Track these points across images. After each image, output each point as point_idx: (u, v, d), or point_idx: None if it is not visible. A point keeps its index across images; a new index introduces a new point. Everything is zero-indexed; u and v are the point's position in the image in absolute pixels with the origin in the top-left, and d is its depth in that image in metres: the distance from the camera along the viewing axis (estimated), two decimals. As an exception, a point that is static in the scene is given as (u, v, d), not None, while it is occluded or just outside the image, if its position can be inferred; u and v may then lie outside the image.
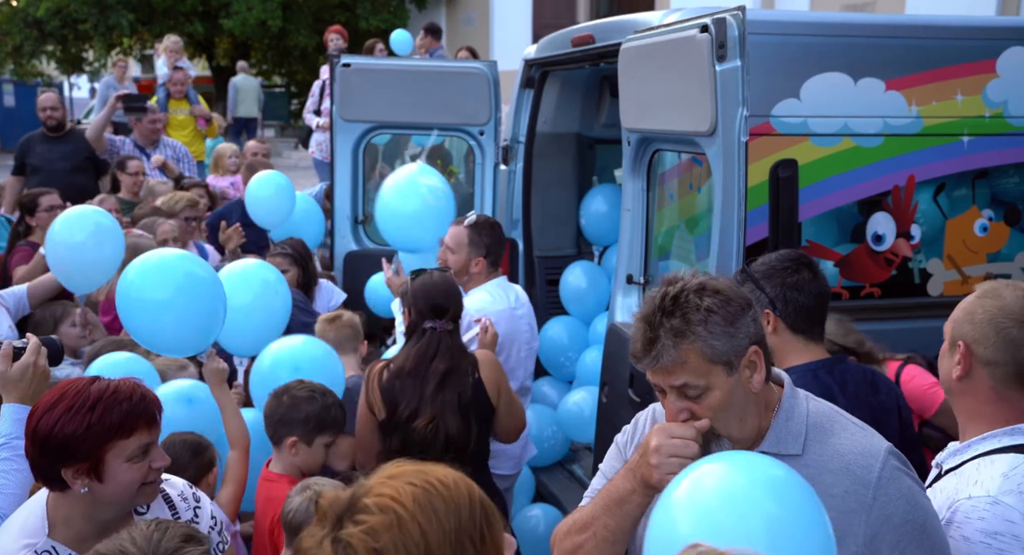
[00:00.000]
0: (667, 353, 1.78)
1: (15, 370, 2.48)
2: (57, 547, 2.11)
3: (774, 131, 3.15)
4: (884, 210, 3.41)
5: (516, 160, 5.46)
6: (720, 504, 1.49)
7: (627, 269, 3.85)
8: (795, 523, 1.49)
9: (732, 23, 2.95)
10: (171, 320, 3.12)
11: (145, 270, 3.14)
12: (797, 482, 1.55)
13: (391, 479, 1.36)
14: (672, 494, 1.56)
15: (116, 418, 2.07)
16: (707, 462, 1.60)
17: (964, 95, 3.39)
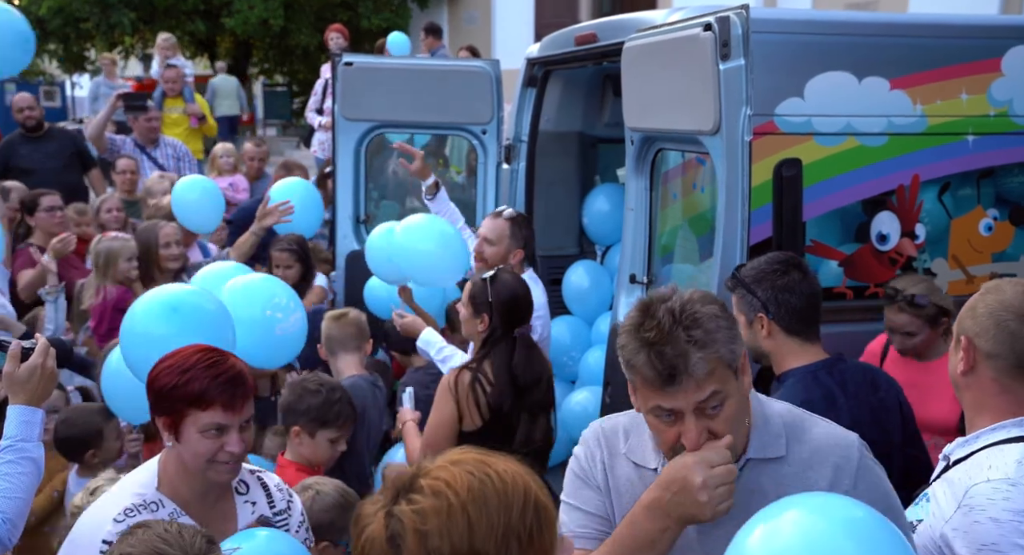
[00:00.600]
0: (700, 366, 1.71)
1: (23, 371, 2.44)
2: (163, 500, 2.22)
3: (778, 130, 3.14)
4: (888, 209, 3.40)
5: (518, 159, 5.44)
6: (802, 550, 1.38)
7: (630, 269, 3.83)
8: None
9: (736, 22, 2.94)
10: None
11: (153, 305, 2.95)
12: (879, 522, 1.46)
13: (452, 465, 1.36)
14: (746, 540, 1.44)
15: (196, 388, 2.14)
16: (781, 505, 1.49)
17: (969, 94, 3.38)
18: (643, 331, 1.74)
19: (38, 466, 2.42)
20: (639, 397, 1.80)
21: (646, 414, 1.79)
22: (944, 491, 2.03)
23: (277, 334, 3.39)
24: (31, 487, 2.40)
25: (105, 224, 6.08)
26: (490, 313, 3.31)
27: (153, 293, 3.03)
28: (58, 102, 20.89)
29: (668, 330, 1.72)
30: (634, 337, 1.75)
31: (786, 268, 2.74)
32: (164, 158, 7.58)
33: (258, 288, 3.44)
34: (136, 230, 5.27)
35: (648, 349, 1.72)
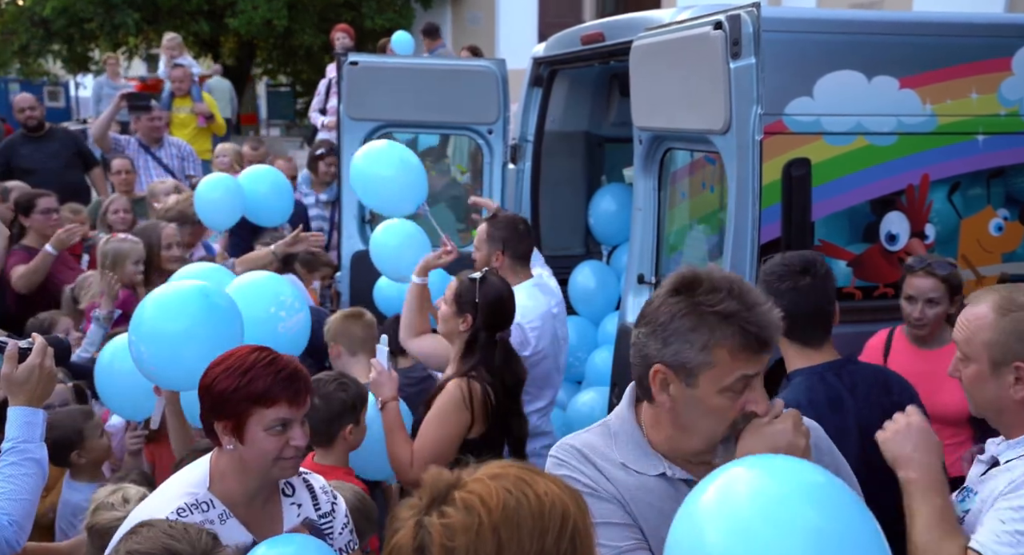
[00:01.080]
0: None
1: (21, 372, 2.39)
2: (214, 500, 2.23)
3: (787, 130, 3.13)
4: (898, 209, 3.39)
5: (524, 159, 5.43)
6: (756, 514, 1.29)
7: (639, 269, 3.82)
8: (843, 537, 1.29)
9: (747, 20, 2.92)
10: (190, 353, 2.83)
11: (160, 303, 2.92)
12: (841, 489, 1.38)
13: (491, 479, 1.31)
14: (699, 501, 1.35)
15: (260, 387, 2.16)
16: (736, 466, 1.41)
17: (979, 93, 3.36)
18: (715, 305, 1.69)
19: (42, 467, 2.38)
20: (710, 377, 1.71)
21: (714, 396, 1.72)
22: (999, 480, 1.99)
23: (280, 332, 3.39)
24: (36, 489, 2.36)
25: (112, 225, 6.06)
26: (474, 314, 3.29)
27: (165, 289, 3.02)
28: (62, 102, 20.93)
29: (747, 295, 1.72)
30: (705, 315, 1.70)
31: (801, 272, 2.67)
32: (168, 158, 7.57)
33: (264, 286, 3.44)
34: (136, 230, 5.24)
35: (735, 319, 1.68)
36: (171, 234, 4.89)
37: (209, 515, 2.20)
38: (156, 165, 7.47)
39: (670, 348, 1.72)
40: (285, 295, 3.43)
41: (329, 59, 13.38)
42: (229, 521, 2.22)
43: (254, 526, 2.25)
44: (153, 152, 7.51)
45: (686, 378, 1.72)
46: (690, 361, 1.71)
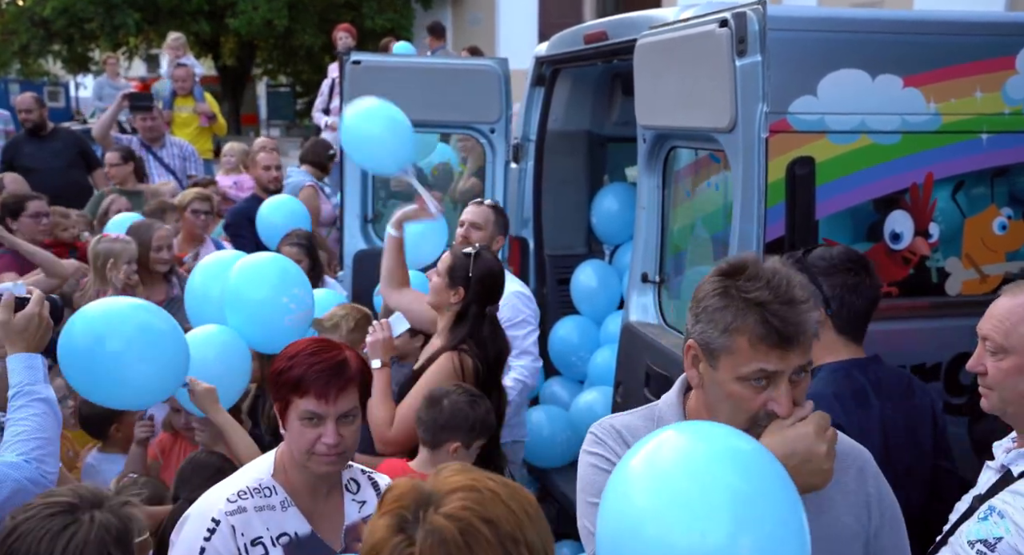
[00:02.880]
0: (813, 327, 1.70)
1: (20, 319, 2.50)
2: (276, 487, 2.28)
3: (791, 128, 3.12)
4: (902, 208, 3.38)
5: (527, 158, 5.43)
6: (681, 475, 1.39)
7: (642, 267, 3.82)
8: (764, 499, 1.38)
9: (752, 18, 2.92)
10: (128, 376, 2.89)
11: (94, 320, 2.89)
12: (765, 456, 1.46)
13: (464, 497, 1.34)
14: (628, 463, 1.45)
15: (296, 374, 2.19)
16: (666, 430, 1.50)
17: (983, 92, 3.35)
18: (747, 291, 1.70)
19: (51, 405, 2.48)
20: (728, 363, 1.72)
21: (731, 382, 1.73)
22: (1016, 502, 1.98)
23: (285, 324, 3.43)
24: (50, 425, 2.44)
25: None
26: (466, 287, 3.41)
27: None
28: (62, 102, 20.93)
29: (784, 289, 1.69)
30: (735, 299, 1.70)
31: (856, 267, 2.73)
32: (170, 158, 7.58)
33: (277, 272, 3.52)
34: (130, 228, 5.21)
35: (760, 309, 1.68)
36: (163, 235, 4.87)
37: (271, 500, 2.25)
38: (158, 165, 7.48)
39: (699, 326, 1.76)
40: (299, 287, 3.52)
41: (330, 59, 13.39)
42: (290, 509, 2.25)
43: (315, 518, 2.28)
44: (155, 152, 7.52)
45: (710, 358, 1.75)
46: (712, 341, 1.73)
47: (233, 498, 2.23)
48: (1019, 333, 2.02)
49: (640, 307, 3.83)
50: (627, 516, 1.38)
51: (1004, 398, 2.08)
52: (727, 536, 1.32)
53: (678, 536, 1.32)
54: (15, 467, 2.32)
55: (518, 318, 4.03)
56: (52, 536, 1.85)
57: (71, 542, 1.84)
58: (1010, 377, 2.05)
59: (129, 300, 3.21)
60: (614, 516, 1.41)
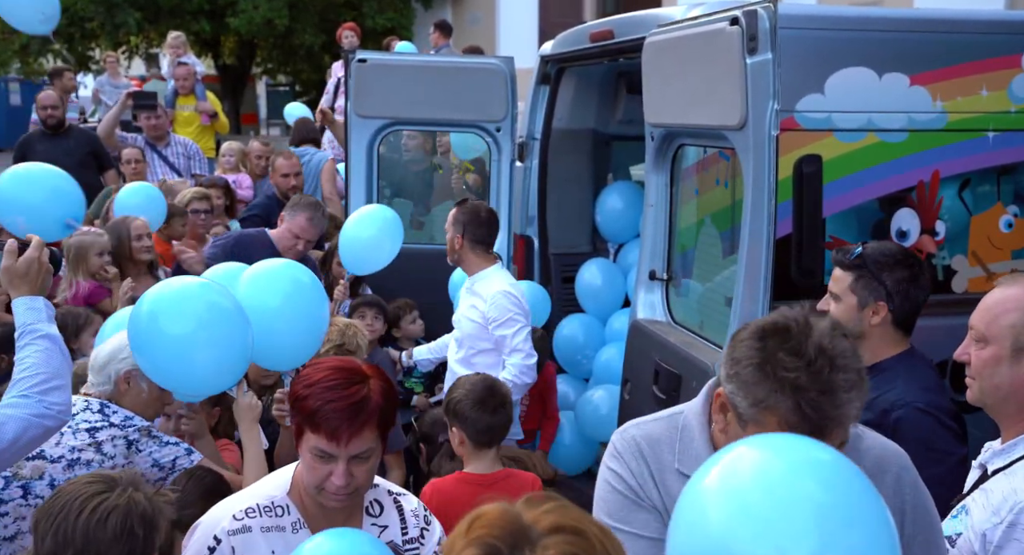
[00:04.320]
0: (853, 414, 1.58)
1: (21, 263, 2.58)
2: (290, 507, 2.17)
3: (798, 126, 3.14)
4: (908, 206, 3.39)
5: (532, 157, 5.45)
6: (758, 490, 1.27)
7: (650, 265, 3.83)
8: (848, 512, 1.27)
9: (763, 15, 2.93)
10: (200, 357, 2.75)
11: (163, 301, 2.76)
12: (847, 466, 1.35)
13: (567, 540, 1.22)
14: (702, 481, 1.34)
15: (310, 407, 2.04)
16: (740, 445, 1.39)
17: (989, 90, 3.36)
18: (785, 371, 1.56)
19: (55, 341, 2.54)
20: (756, 432, 1.60)
21: (742, 430, 1.63)
22: (983, 503, 2.00)
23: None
24: (55, 359, 2.51)
25: None
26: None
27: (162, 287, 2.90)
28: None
29: (826, 376, 1.55)
30: (769, 375, 1.58)
31: (913, 261, 2.78)
32: (175, 157, 7.58)
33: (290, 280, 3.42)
34: (107, 225, 5.23)
35: (796, 394, 1.55)
36: (140, 226, 4.94)
37: (281, 520, 2.14)
38: (162, 163, 7.48)
39: (731, 385, 1.65)
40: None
41: (330, 59, 13.39)
42: (302, 532, 2.13)
43: None
44: (160, 150, 7.53)
45: (738, 419, 1.66)
46: (743, 411, 1.63)
47: (239, 516, 2.12)
48: (1000, 324, 2.03)
49: (648, 304, 3.84)
50: (700, 535, 1.29)
51: (983, 388, 2.09)
52: (812, 552, 1.22)
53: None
54: (14, 406, 2.37)
55: (504, 317, 4.04)
56: (85, 498, 2.05)
57: (101, 505, 2.04)
58: (988, 366, 2.06)
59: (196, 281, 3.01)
60: (686, 535, 1.32)
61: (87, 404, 2.89)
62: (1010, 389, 2.04)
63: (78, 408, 2.85)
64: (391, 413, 2.11)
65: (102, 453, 2.80)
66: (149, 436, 2.90)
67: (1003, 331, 2.02)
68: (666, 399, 3.45)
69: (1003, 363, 2.03)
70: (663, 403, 3.47)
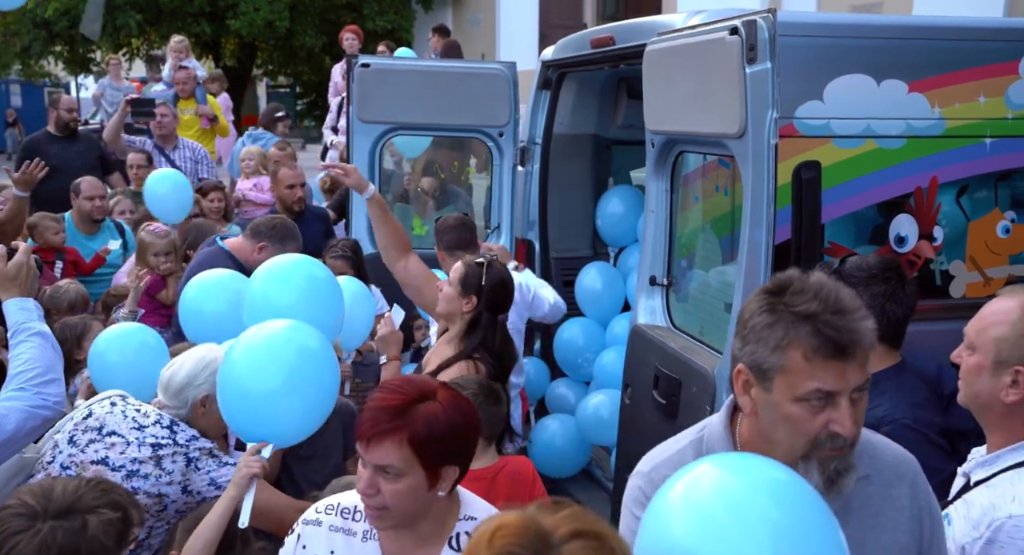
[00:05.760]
0: (870, 337, 1.62)
1: (11, 267, 2.74)
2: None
3: (797, 133, 3.16)
4: (906, 212, 3.41)
5: (533, 161, 5.48)
6: (719, 507, 1.37)
7: (650, 271, 3.86)
8: (802, 530, 1.36)
9: (762, 26, 2.96)
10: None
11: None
12: (803, 487, 1.44)
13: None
14: (666, 495, 1.43)
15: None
16: (703, 462, 1.47)
17: (987, 97, 3.38)
18: (796, 305, 1.62)
19: (46, 337, 2.68)
20: (784, 383, 1.64)
21: (788, 404, 1.65)
22: (964, 515, 2.02)
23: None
24: (49, 354, 2.65)
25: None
26: (479, 296, 3.52)
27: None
28: (62, 103, 20.91)
29: (834, 299, 1.62)
30: (783, 314, 1.63)
31: (893, 276, 2.80)
32: (181, 160, 7.60)
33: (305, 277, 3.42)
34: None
35: (812, 320, 1.60)
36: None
37: (353, 526, 2.10)
38: (168, 166, 7.51)
39: (748, 347, 1.68)
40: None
41: (330, 60, 13.41)
42: (371, 543, 2.08)
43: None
44: (167, 153, 7.55)
45: (763, 381, 1.67)
46: (764, 361, 1.65)
47: (320, 510, 2.13)
48: (988, 335, 2.05)
49: (648, 310, 3.87)
50: (665, 548, 1.36)
51: (966, 393, 2.13)
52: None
53: None
54: (14, 398, 2.49)
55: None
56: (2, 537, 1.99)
57: (14, 549, 1.97)
58: (971, 374, 2.10)
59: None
60: (651, 547, 1.39)
61: (159, 418, 2.94)
62: (988, 399, 2.07)
63: (151, 420, 2.92)
64: (433, 444, 1.93)
65: (161, 468, 2.86)
66: (210, 456, 2.95)
67: (989, 342, 2.05)
68: (666, 404, 3.48)
69: (984, 373, 2.06)
70: (663, 408, 3.50)
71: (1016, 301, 2.06)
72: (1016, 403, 2.03)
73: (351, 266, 4.74)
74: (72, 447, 2.83)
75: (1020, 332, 2.02)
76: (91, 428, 2.86)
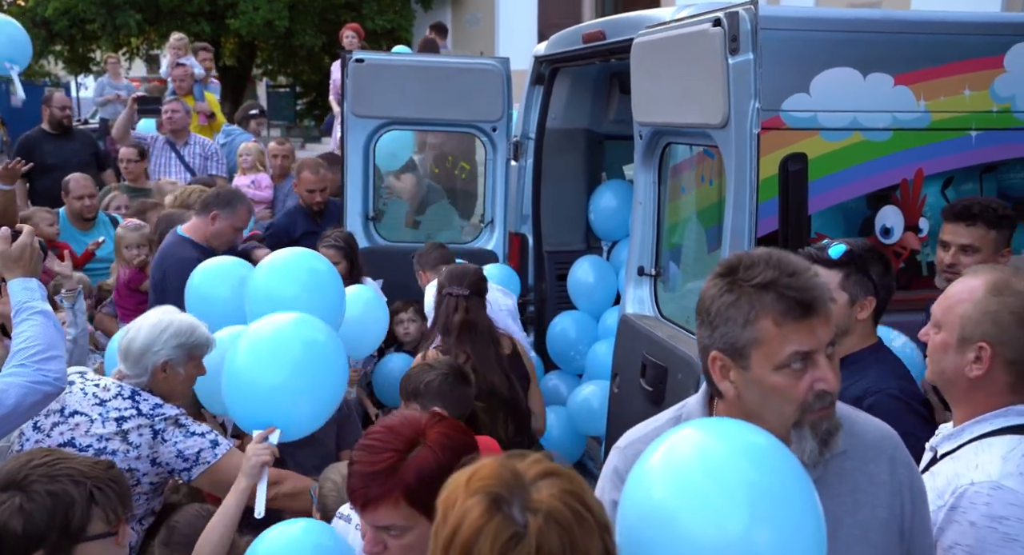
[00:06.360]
0: (826, 292, 1.68)
1: (15, 248, 2.75)
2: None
3: (784, 125, 3.19)
4: (892, 203, 3.45)
5: (526, 156, 5.51)
6: (699, 470, 1.41)
7: (639, 261, 3.90)
8: (779, 491, 1.41)
9: (744, 17, 2.99)
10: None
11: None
12: (781, 451, 1.48)
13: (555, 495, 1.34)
14: (647, 461, 1.47)
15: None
16: (685, 427, 1.51)
17: (972, 90, 3.41)
18: (752, 278, 1.67)
19: (49, 316, 2.71)
20: (760, 355, 1.67)
21: (773, 374, 1.67)
22: (931, 485, 2.04)
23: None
24: (51, 332, 2.67)
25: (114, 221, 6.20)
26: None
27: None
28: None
29: (785, 263, 1.67)
30: (744, 290, 1.67)
31: (882, 254, 2.85)
32: (191, 157, 7.60)
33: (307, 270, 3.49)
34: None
35: (772, 287, 1.65)
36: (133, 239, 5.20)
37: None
38: (178, 163, 7.52)
39: (717, 331, 1.70)
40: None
41: (330, 60, 13.44)
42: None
43: None
44: (178, 149, 7.57)
45: (740, 360, 1.69)
46: (737, 339, 1.67)
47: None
48: (954, 313, 2.08)
49: (636, 300, 3.91)
50: (647, 510, 1.41)
51: (933, 370, 2.16)
52: (744, 529, 1.35)
53: (696, 529, 1.36)
54: (14, 374, 2.53)
55: None
56: None
57: None
58: (938, 351, 2.12)
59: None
60: (634, 510, 1.44)
61: (120, 389, 2.94)
62: (953, 375, 2.10)
63: (111, 393, 2.92)
64: (430, 492, 1.62)
65: (128, 443, 2.85)
66: (177, 425, 2.93)
67: (954, 320, 2.08)
68: (653, 391, 3.51)
69: (950, 351, 2.09)
70: (650, 395, 3.54)
71: (980, 280, 2.09)
72: (980, 378, 2.06)
73: (344, 256, 4.73)
74: (38, 433, 2.83)
75: (983, 309, 2.05)
76: (53, 411, 2.85)
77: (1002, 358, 2.03)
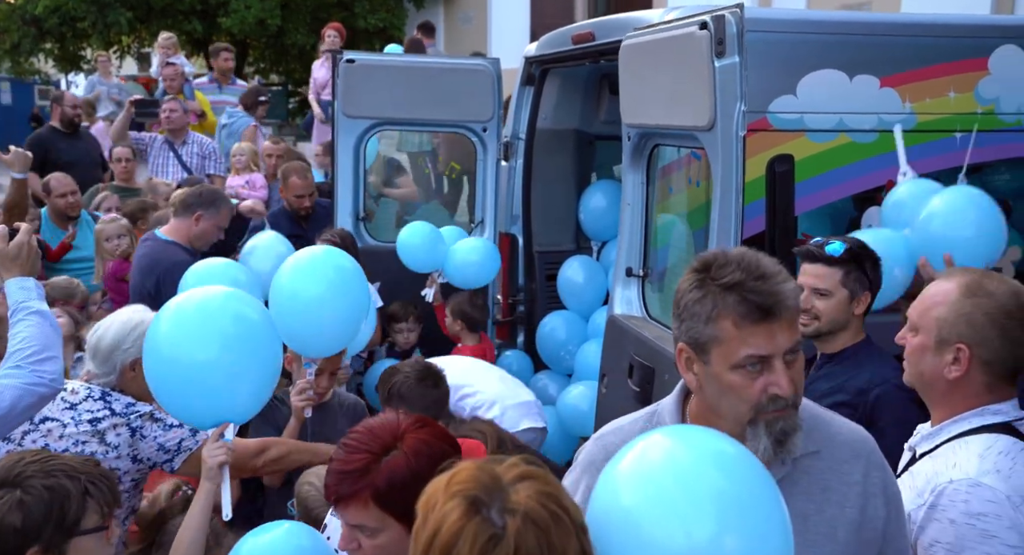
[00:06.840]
0: (793, 298, 1.69)
1: (12, 247, 2.72)
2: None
3: (771, 127, 3.21)
4: (878, 204, 3.47)
5: (516, 156, 5.53)
6: (667, 477, 1.43)
7: (627, 262, 3.92)
8: (747, 499, 1.42)
9: (731, 20, 3.01)
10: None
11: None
12: (749, 459, 1.50)
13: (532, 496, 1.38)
14: (616, 466, 1.49)
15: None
16: (653, 434, 1.53)
17: (957, 92, 3.44)
18: (720, 279, 1.69)
19: (45, 316, 2.68)
20: (720, 353, 1.71)
21: (727, 373, 1.71)
22: (910, 485, 2.08)
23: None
24: (47, 333, 2.63)
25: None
26: None
27: None
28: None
29: (755, 266, 1.68)
30: (710, 288, 1.70)
31: (871, 249, 2.91)
32: (188, 156, 7.59)
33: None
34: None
35: (737, 289, 1.67)
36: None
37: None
38: (175, 162, 7.52)
39: (684, 324, 1.74)
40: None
41: (316, 57, 13.39)
42: None
43: None
44: (176, 149, 7.56)
45: (702, 355, 1.73)
46: (700, 335, 1.71)
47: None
48: (930, 315, 2.11)
49: (624, 300, 3.93)
50: (615, 516, 1.43)
51: (911, 373, 2.19)
52: (711, 535, 1.36)
53: (664, 535, 1.37)
54: (10, 376, 2.50)
55: None
56: None
57: None
58: (915, 354, 2.16)
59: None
60: (602, 516, 1.45)
61: (89, 392, 2.93)
62: (932, 377, 2.13)
63: (80, 396, 2.91)
64: (400, 497, 1.79)
65: (106, 443, 2.85)
66: (153, 420, 2.93)
67: (930, 323, 2.11)
68: (640, 391, 3.54)
69: (928, 353, 2.12)
70: (637, 396, 3.56)
71: (954, 282, 2.12)
72: (958, 379, 2.09)
73: None
74: (8, 444, 2.79)
75: (959, 311, 2.07)
76: None
77: (979, 359, 2.06)
